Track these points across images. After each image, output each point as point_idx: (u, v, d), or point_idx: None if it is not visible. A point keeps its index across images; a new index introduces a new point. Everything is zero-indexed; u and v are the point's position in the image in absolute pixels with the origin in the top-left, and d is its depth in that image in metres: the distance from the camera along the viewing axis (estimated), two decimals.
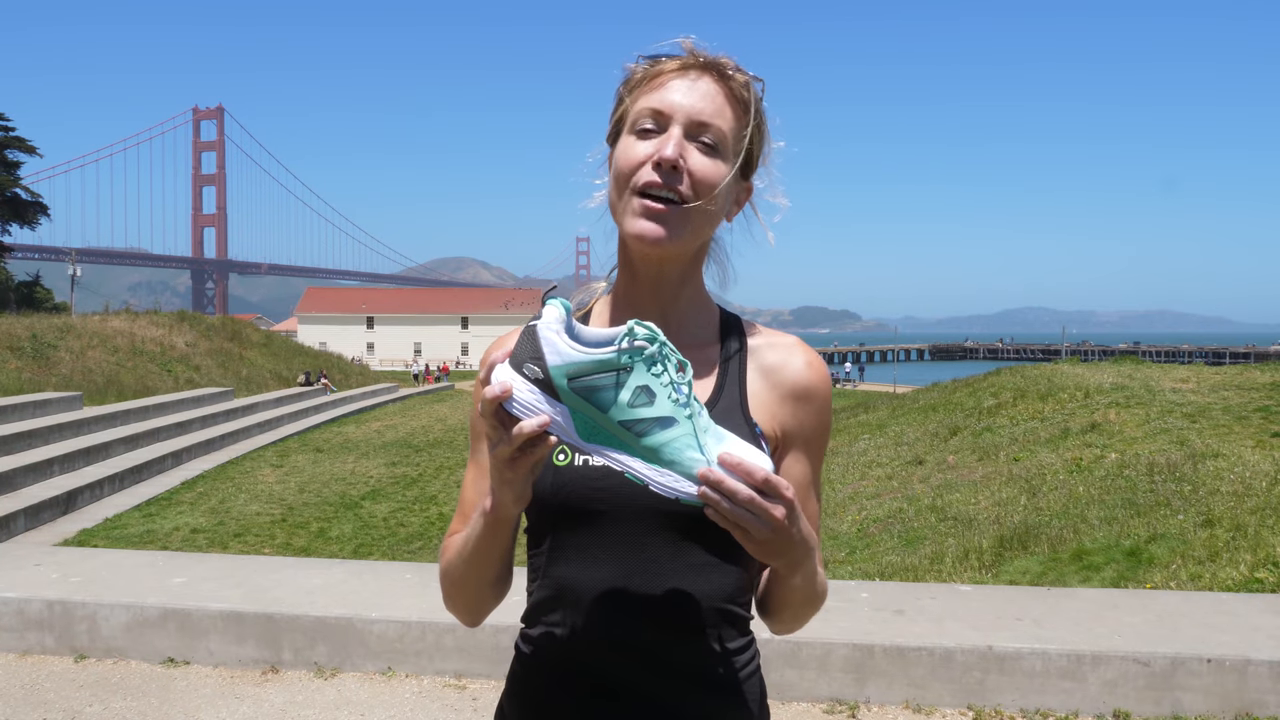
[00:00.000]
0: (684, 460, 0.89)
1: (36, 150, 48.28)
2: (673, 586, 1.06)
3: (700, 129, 1.06)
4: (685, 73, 1.08)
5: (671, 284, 1.14)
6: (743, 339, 1.17)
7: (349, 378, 34.33)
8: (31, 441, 10.82)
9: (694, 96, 1.07)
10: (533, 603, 1.13)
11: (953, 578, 6.62)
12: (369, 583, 4.53)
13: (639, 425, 0.89)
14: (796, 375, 1.15)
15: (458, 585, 1.13)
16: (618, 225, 1.11)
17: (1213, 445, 8.45)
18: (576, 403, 0.90)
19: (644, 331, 0.89)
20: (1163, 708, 3.54)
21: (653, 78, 1.09)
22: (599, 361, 0.89)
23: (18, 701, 3.75)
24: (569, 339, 0.90)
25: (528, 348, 0.91)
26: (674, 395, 0.89)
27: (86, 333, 22.40)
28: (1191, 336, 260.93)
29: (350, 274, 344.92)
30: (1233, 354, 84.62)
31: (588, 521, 1.07)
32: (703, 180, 1.06)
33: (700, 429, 0.90)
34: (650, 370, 0.89)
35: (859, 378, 55.60)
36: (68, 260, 49.24)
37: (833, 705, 3.67)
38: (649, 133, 1.07)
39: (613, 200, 1.10)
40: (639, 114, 1.08)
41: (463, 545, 1.09)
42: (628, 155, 1.07)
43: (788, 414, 1.14)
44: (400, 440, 18.52)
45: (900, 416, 16.01)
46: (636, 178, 1.05)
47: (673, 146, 1.04)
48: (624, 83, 1.13)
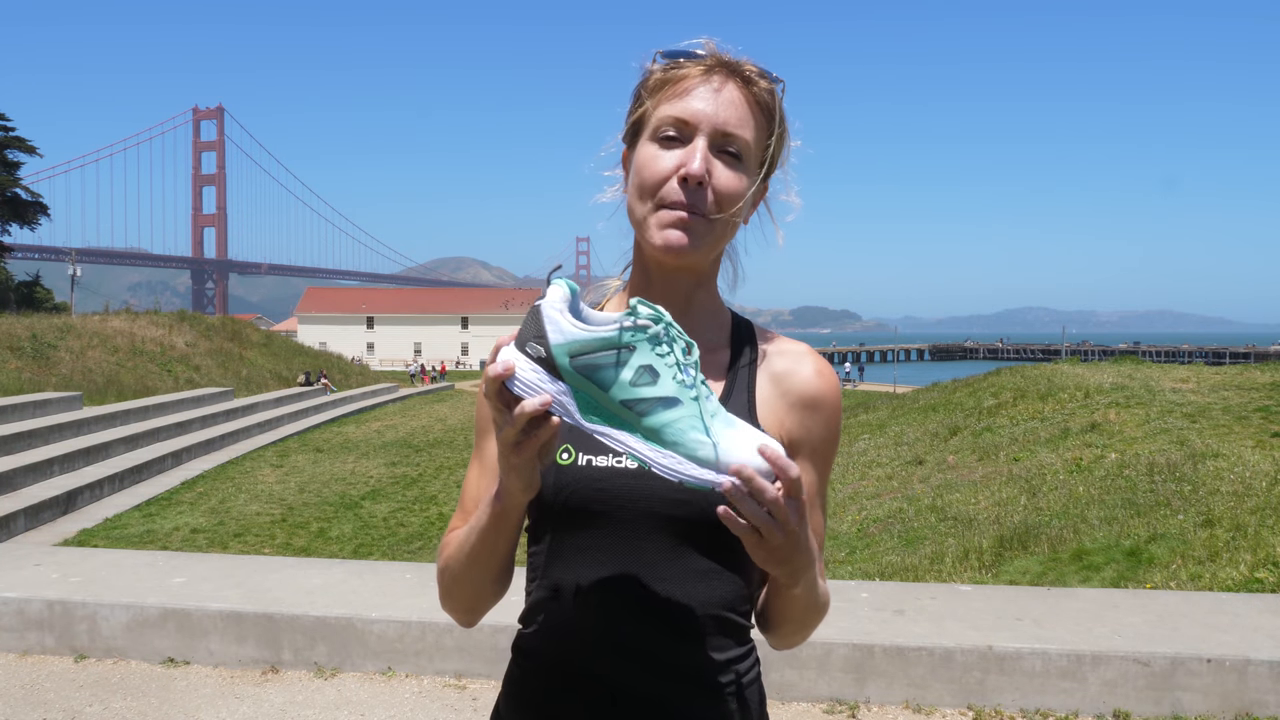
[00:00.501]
0: (686, 442, 0.87)
1: (36, 150, 48.27)
2: (672, 591, 1.05)
3: (725, 139, 1.05)
4: (709, 78, 1.06)
5: (686, 288, 1.14)
6: (754, 345, 1.17)
7: (349, 378, 34.33)
8: (31, 441, 10.82)
9: (719, 105, 1.04)
10: (531, 602, 1.13)
11: (953, 578, 6.62)
12: (369, 583, 4.53)
13: (641, 405, 0.87)
14: (805, 383, 1.14)
15: (458, 580, 1.11)
16: (636, 230, 1.10)
17: (1213, 445, 8.46)
18: (578, 381, 0.89)
19: (647, 310, 0.88)
20: (1163, 708, 3.54)
21: (675, 82, 1.06)
22: (601, 339, 0.87)
23: (18, 701, 3.75)
24: (572, 318, 0.89)
25: (531, 327, 0.90)
26: (679, 376, 0.88)
27: (86, 333, 22.40)
28: (1191, 336, 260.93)
29: (350, 274, 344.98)
30: (1233, 354, 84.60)
31: (588, 522, 1.06)
32: (727, 194, 1.05)
33: (707, 412, 0.88)
34: (655, 350, 0.88)
35: (859, 378, 55.60)
36: (68, 260, 49.25)
37: (833, 705, 3.67)
38: (672, 141, 1.05)
39: (632, 205, 1.09)
40: (662, 120, 1.06)
41: (465, 538, 1.07)
42: (652, 166, 1.05)
43: (795, 422, 1.13)
44: (400, 440, 18.52)
45: (900, 416, 16.01)
46: (663, 192, 1.04)
47: (699, 162, 1.02)
48: (643, 83, 1.10)
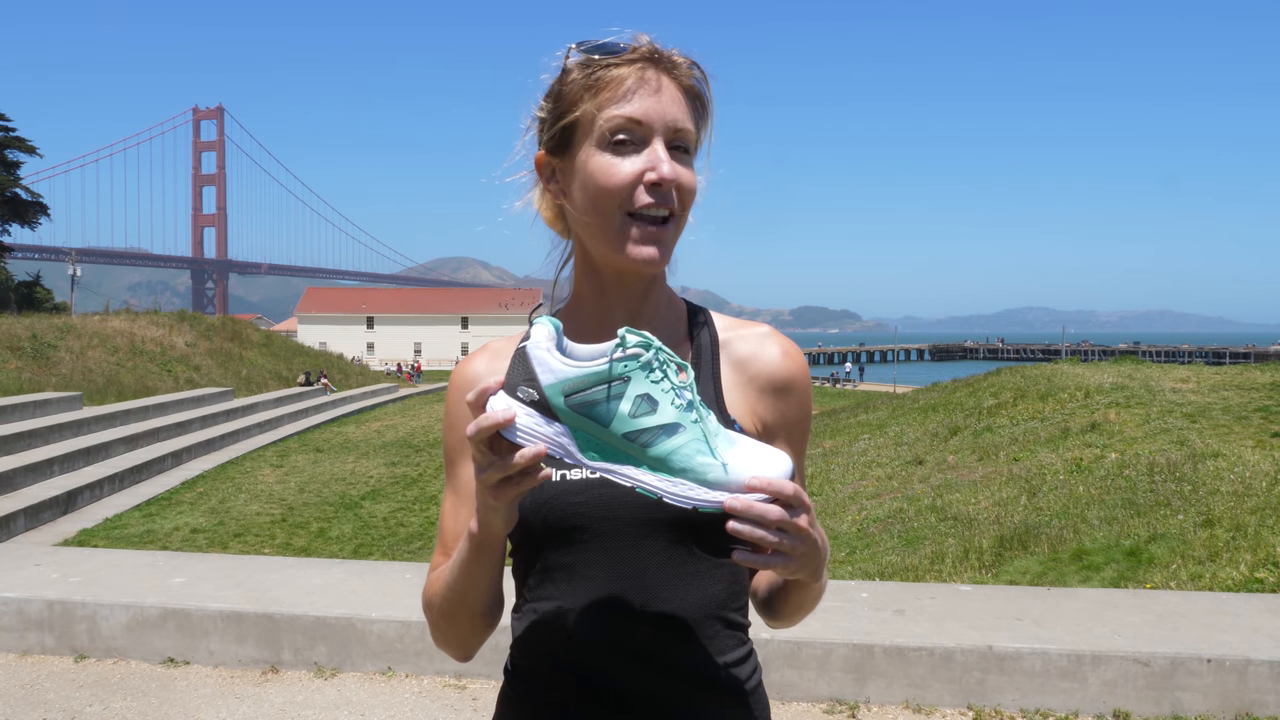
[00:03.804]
0: (695, 466, 0.85)
1: (36, 150, 48.28)
2: (667, 597, 1.03)
3: (676, 135, 1.02)
4: (645, 73, 1.01)
5: (642, 285, 1.10)
6: (713, 332, 1.13)
7: (349, 378, 34.32)
8: (31, 441, 10.81)
9: (665, 102, 1.01)
10: (523, 628, 1.10)
11: (953, 578, 6.61)
12: (369, 583, 4.53)
13: (643, 435, 0.86)
14: (773, 367, 1.11)
15: (448, 618, 1.07)
16: (592, 240, 1.05)
17: (1213, 445, 8.45)
18: (576, 420, 0.86)
19: (636, 339, 0.86)
20: (1163, 708, 3.54)
21: (611, 81, 1.01)
22: (594, 374, 0.85)
23: (18, 701, 3.75)
24: (560, 355, 0.87)
25: (520, 370, 0.87)
26: (676, 400, 0.86)
27: (86, 333, 22.39)
28: (1191, 336, 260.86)
29: (350, 274, 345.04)
30: (1233, 354, 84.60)
31: (573, 537, 1.03)
32: (689, 191, 1.03)
33: (710, 432, 0.87)
34: (649, 377, 0.86)
35: (859, 378, 55.60)
36: (68, 260, 49.24)
37: (833, 705, 3.67)
38: (625, 145, 1.00)
39: (585, 215, 1.03)
40: (611, 124, 1.00)
41: (449, 577, 1.04)
42: (612, 174, 1.00)
43: (767, 407, 1.11)
44: (400, 440, 18.51)
45: (900, 416, 16.01)
46: (630, 200, 1.00)
47: (669, 166, 0.99)
48: (562, 81, 1.04)
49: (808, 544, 0.88)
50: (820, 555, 0.92)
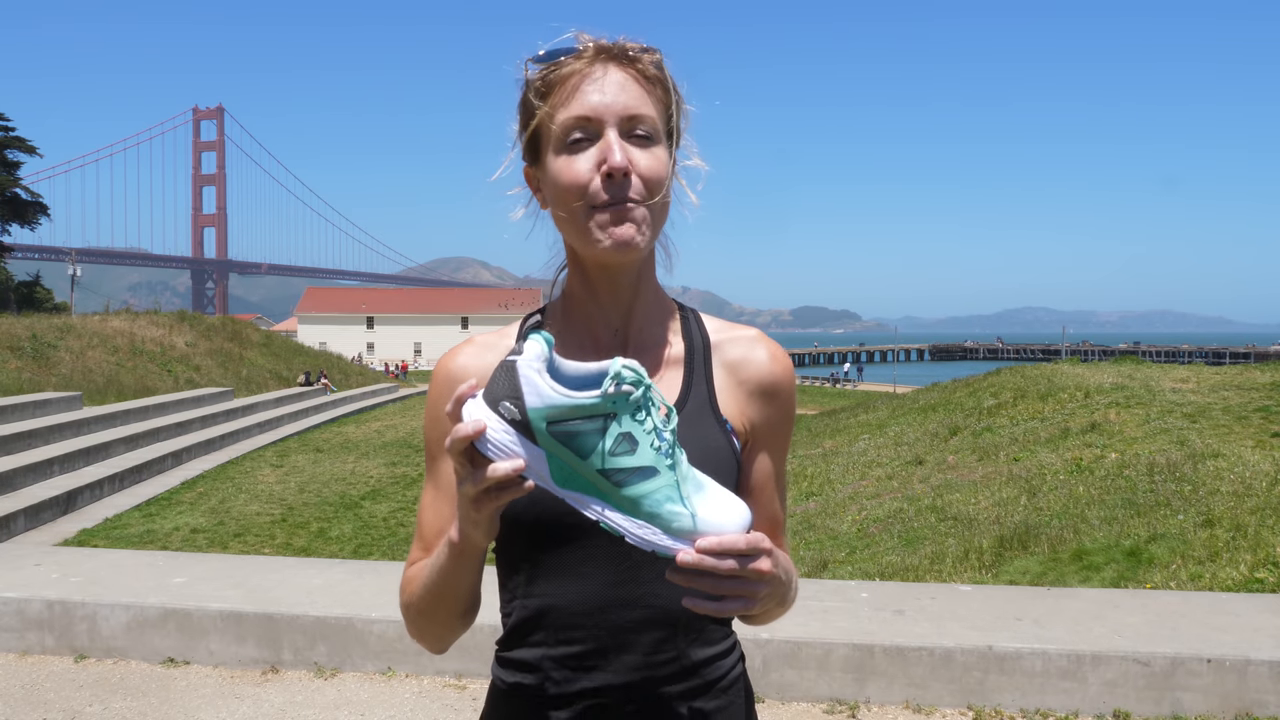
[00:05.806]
0: (664, 514, 0.85)
1: (36, 150, 48.29)
2: (659, 592, 1.05)
3: (632, 122, 1.01)
4: (591, 68, 1.01)
5: (631, 283, 1.10)
6: (704, 335, 1.15)
7: (349, 378, 34.32)
8: (31, 441, 10.81)
9: (613, 91, 1.01)
10: (511, 625, 1.10)
11: (953, 578, 6.61)
12: (369, 583, 4.53)
13: (618, 475, 0.85)
14: (762, 371, 1.13)
15: (425, 617, 1.08)
16: (573, 241, 1.06)
17: (1213, 445, 8.46)
18: (554, 447, 0.85)
19: (630, 375, 0.84)
20: (1163, 708, 3.54)
21: (561, 82, 1.02)
22: (583, 407, 0.84)
23: (18, 701, 3.75)
24: (550, 379, 0.85)
25: (505, 385, 0.85)
26: (656, 443, 0.85)
27: (86, 333, 22.38)
28: (1191, 336, 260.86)
29: (350, 274, 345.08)
30: (1233, 354, 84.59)
31: (563, 536, 1.04)
32: (653, 177, 1.01)
33: (682, 477, 0.87)
34: (634, 417, 0.85)
35: (859, 378, 55.59)
36: (68, 260, 49.23)
37: (833, 705, 3.67)
38: (580, 143, 1.01)
39: (559, 219, 1.05)
40: (564, 126, 1.01)
41: (428, 578, 1.04)
42: (569, 174, 1.01)
43: (755, 410, 1.13)
44: (400, 440, 18.51)
45: (900, 416, 16.01)
46: (589, 195, 1.00)
47: (619, 154, 0.99)
48: (525, 93, 1.05)
49: (769, 584, 0.89)
50: (782, 589, 0.95)
